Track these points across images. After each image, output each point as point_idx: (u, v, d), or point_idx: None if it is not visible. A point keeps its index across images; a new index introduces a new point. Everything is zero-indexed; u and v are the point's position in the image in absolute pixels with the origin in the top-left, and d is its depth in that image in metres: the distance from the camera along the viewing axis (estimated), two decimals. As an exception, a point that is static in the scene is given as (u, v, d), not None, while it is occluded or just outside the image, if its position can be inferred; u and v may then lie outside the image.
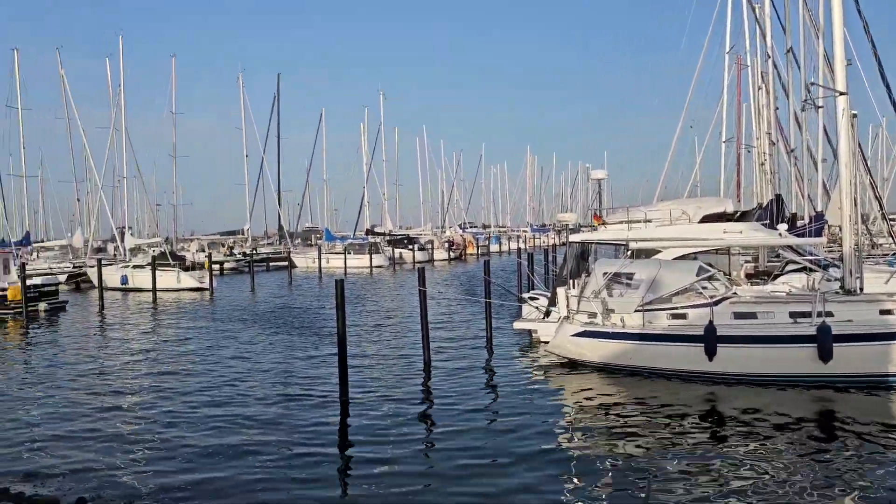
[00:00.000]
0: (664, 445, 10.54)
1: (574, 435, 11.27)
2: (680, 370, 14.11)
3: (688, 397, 12.99)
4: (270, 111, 73.59)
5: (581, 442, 10.87)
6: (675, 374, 14.14)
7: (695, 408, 12.39)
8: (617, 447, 10.53)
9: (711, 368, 13.70)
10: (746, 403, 12.46)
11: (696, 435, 10.95)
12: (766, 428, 11.15)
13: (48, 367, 18.15)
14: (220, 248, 66.35)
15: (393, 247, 64.90)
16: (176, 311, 31.31)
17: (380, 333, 22.25)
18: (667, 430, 11.28)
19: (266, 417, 12.42)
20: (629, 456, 10.13)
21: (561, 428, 11.63)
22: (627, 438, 10.90)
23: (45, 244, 56.39)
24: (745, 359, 13.55)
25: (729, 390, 13.38)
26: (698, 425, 11.48)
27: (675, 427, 11.38)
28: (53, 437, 11.69)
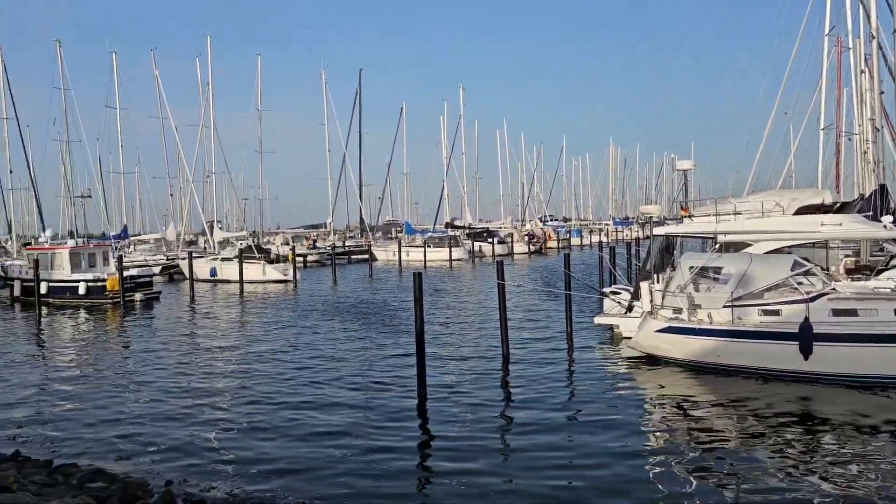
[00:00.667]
0: (754, 447, 10.01)
1: (658, 433, 10.86)
2: (772, 369, 13.41)
3: (780, 398, 12.32)
4: (352, 106, 74.82)
5: (666, 441, 10.45)
6: (767, 374, 13.45)
7: (788, 409, 11.73)
8: (704, 447, 10.09)
9: (806, 368, 12.94)
10: (845, 405, 11.73)
11: (789, 437, 10.35)
12: (867, 431, 10.44)
13: (143, 354, 18.98)
14: (303, 242, 68.01)
15: (472, 240, 64.80)
16: (261, 302, 32.23)
17: (458, 327, 22.19)
18: (757, 431, 10.72)
19: (346, 409, 12.54)
20: (717, 456, 9.68)
21: (644, 426, 11.24)
22: (715, 438, 10.44)
23: (141, 237, 59.16)
24: (845, 358, 12.73)
25: (825, 391, 12.63)
26: (791, 427, 10.84)
27: (767, 428, 10.79)
28: (145, 420, 12.19)
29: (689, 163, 19.09)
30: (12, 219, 52.27)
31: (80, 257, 34.42)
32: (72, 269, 33.64)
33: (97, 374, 16.50)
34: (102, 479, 8.96)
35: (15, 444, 10.94)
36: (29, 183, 49.73)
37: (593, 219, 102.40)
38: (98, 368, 17.29)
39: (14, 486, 7.84)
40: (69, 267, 33.65)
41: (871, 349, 12.63)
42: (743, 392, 12.81)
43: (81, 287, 32.55)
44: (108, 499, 7.97)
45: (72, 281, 32.96)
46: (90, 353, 19.72)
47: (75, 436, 11.48)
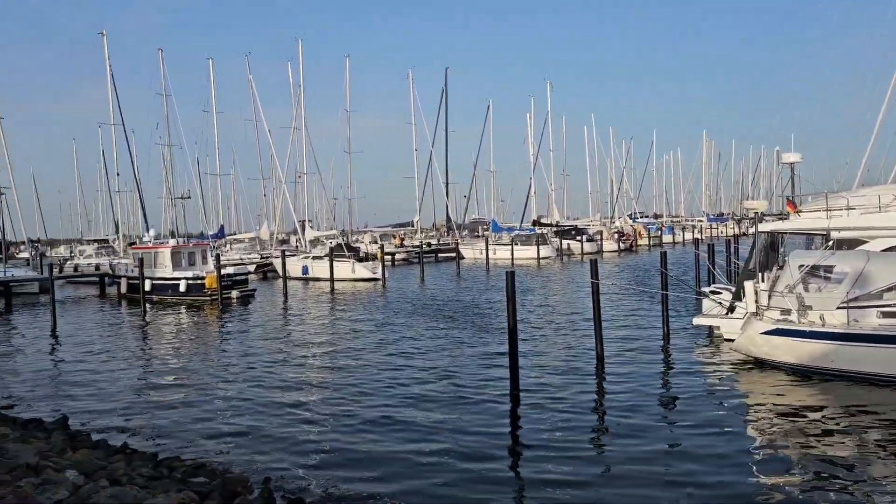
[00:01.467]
0: (871, 457, 9.24)
1: (764, 441, 10.20)
2: (892, 375, 12.40)
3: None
4: (439, 105, 75.02)
5: (771, 449, 9.79)
6: (887, 380, 12.45)
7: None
8: (816, 460, 9.36)
9: (935, 376, 11.90)
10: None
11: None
12: None
13: (240, 350, 19.55)
14: (391, 240, 68.83)
15: (560, 238, 63.88)
16: (351, 299, 32.72)
17: (549, 326, 21.77)
18: (875, 440, 9.90)
19: (437, 409, 12.44)
20: (830, 465, 8.99)
21: (748, 432, 10.60)
22: (829, 451, 9.68)
23: (236, 237, 61.37)
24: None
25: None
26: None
27: (884, 440, 9.95)
28: (244, 415, 12.47)
29: (796, 155, 17.88)
30: (119, 219, 55.36)
31: (180, 256, 35.94)
32: (173, 267, 35.17)
33: (197, 369, 17.07)
34: (204, 473, 9.15)
35: (123, 437, 11.39)
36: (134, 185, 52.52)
37: (685, 215, 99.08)
38: (198, 363, 17.89)
39: (123, 478, 8.08)
40: (171, 265, 35.20)
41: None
42: (859, 400, 11.91)
43: (182, 285, 33.98)
44: (209, 494, 8.10)
45: (173, 279, 34.46)
46: (191, 349, 20.47)
47: (178, 429, 11.85)
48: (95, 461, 8.93)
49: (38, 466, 7.65)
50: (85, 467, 8.34)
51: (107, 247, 59.49)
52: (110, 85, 46.73)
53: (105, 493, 6.89)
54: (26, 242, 57.27)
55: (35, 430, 11.24)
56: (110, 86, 46.74)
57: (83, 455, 9.21)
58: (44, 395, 14.94)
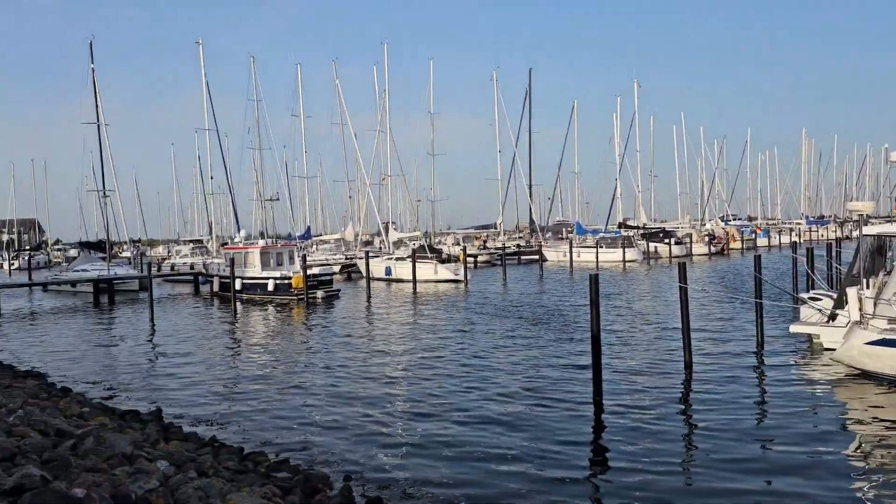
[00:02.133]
0: None
1: (866, 458, 9.50)
2: None
3: None
4: (522, 106, 74.57)
5: (873, 469, 9.08)
6: None
7: None
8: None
9: None
10: None
11: None
12: None
13: (325, 348, 19.94)
14: (473, 242, 68.87)
15: (647, 240, 62.31)
16: (433, 301, 32.87)
17: (635, 330, 21.17)
18: None
19: (517, 412, 12.26)
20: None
21: (849, 449, 9.89)
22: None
23: (322, 238, 62.83)
24: None
25: None
26: None
27: None
28: (326, 412, 12.66)
29: (906, 153, 16.73)
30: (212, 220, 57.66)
31: (269, 256, 37.08)
32: (262, 267, 36.31)
33: (283, 367, 17.49)
34: (287, 469, 9.30)
35: (212, 430, 11.76)
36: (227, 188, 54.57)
37: (782, 218, 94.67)
38: (284, 361, 18.34)
39: (210, 471, 8.30)
40: (260, 265, 36.35)
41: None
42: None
43: (270, 284, 35.03)
44: (291, 489, 8.22)
45: (262, 278, 35.57)
46: (277, 347, 21.02)
47: (263, 424, 12.14)
48: (185, 453, 9.23)
49: (132, 456, 7.95)
50: (175, 458, 8.62)
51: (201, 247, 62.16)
52: (205, 92, 48.78)
53: (193, 485, 7.07)
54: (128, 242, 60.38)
55: (132, 420, 11.75)
56: (205, 92, 48.80)
57: (174, 446, 9.54)
58: (141, 387, 15.65)
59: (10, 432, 8.05)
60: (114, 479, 6.63)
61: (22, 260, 77.88)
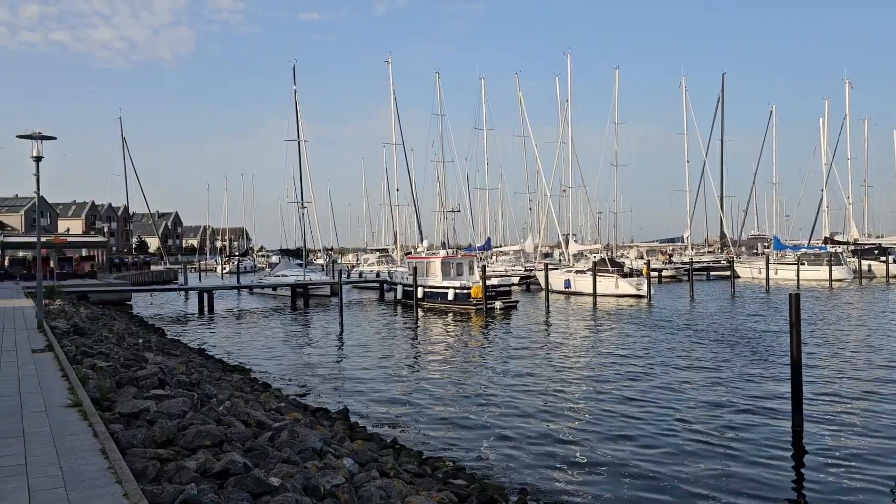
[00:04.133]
0: None
1: None
2: None
3: None
4: (714, 113, 70.68)
5: None
6: None
7: None
8: None
9: None
10: None
11: None
12: None
13: (503, 360, 20.01)
14: (658, 256, 66.19)
15: (859, 258, 56.35)
16: (614, 316, 31.89)
17: (842, 356, 19.08)
18: None
19: (704, 440, 11.47)
20: None
21: None
22: None
23: (502, 249, 63.47)
24: None
25: None
26: None
27: None
28: (502, 424, 12.62)
29: None
30: (397, 231, 60.28)
31: (450, 266, 38.02)
32: (443, 276, 37.29)
33: (461, 375, 17.76)
34: (464, 476, 9.37)
35: (394, 432, 12.17)
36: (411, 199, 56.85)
37: None
38: (462, 370, 18.62)
39: (391, 472, 8.55)
40: (441, 275, 37.36)
41: None
42: None
43: (450, 293, 35.87)
44: (467, 497, 8.25)
45: (443, 287, 36.52)
46: (457, 355, 21.41)
47: (441, 430, 12.38)
48: (369, 452, 9.59)
49: (321, 451, 8.40)
50: (360, 457, 8.98)
51: (386, 256, 65.21)
52: (393, 107, 51.28)
53: (375, 484, 7.32)
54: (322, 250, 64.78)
55: (321, 417, 12.47)
56: (393, 108, 51.30)
57: (359, 445, 9.96)
58: (329, 386, 16.61)
59: (219, 421, 8.81)
60: (305, 472, 7.01)
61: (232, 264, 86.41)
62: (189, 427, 7.83)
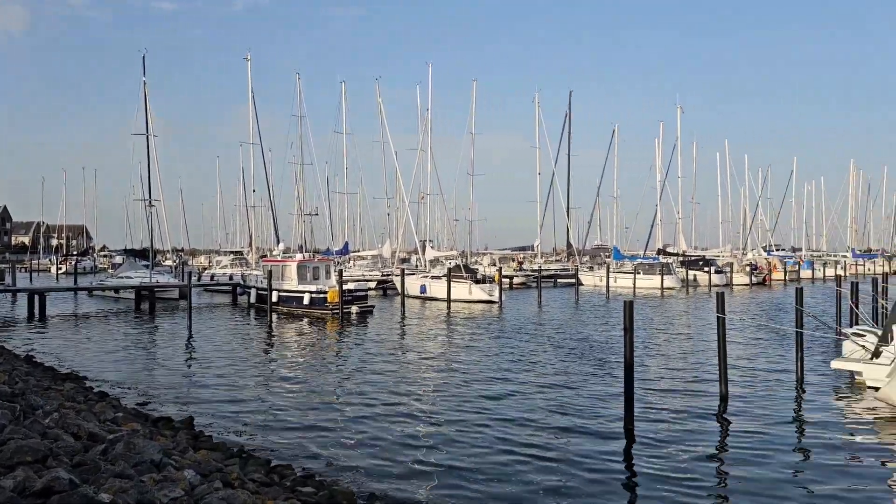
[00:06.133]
0: None
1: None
2: None
3: None
4: (562, 128, 74.54)
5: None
6: None
7: None
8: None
9: None
10: None
11: None
12: None
13: (356, 364, 19.99)
14: (510, 263, 68.63)
15: (686, 268, 61.37)
16: (467, 321, 32.76)
17: (669, 360, 20.78)
18: None
19: (546, 439, 12.11)
20: None
21: (890, 493, 9.52)
22: None
23: (360, 254, 63.28)
24: None
25: None
26: None
27: None
28: (353, 428, 12.66)
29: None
30: (253, 233, 58.54)
31: (306, 270, 37.48)
32: (298, 280, 36.68)
33: (315, 381, 17.58)
34: (313, 484, 9.31)
35: (241, 440, 11.86)
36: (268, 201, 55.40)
37: (827, 250, 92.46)
38: (316, 375, 18.44)
39: (236, 482, 8.35)
40: (297, 279, 36.73)
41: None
42: None
43: (306, 298, 35.35)
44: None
45: (298, 292, 35.92)
46: (311, 361, 21.15)
47: (292, 437, 12.20)
48: (213, 462, 9.30)
49: (160, 463, 8.04)
50: (203, 468, 8.69)
51: (241, 258, 63.12)
52: (251, 106, 49.75)
53: (217, 495, 7.12)
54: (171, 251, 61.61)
55: (163, 427, 11.91)
56: (251, 107, 49.77)
57: (203, 455, 9.62)
58: (175, 394, 15.88)
59: (44, 434, 8.21)
60: (140, 486, 6.71)
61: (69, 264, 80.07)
62: (7, 442, 7.24)
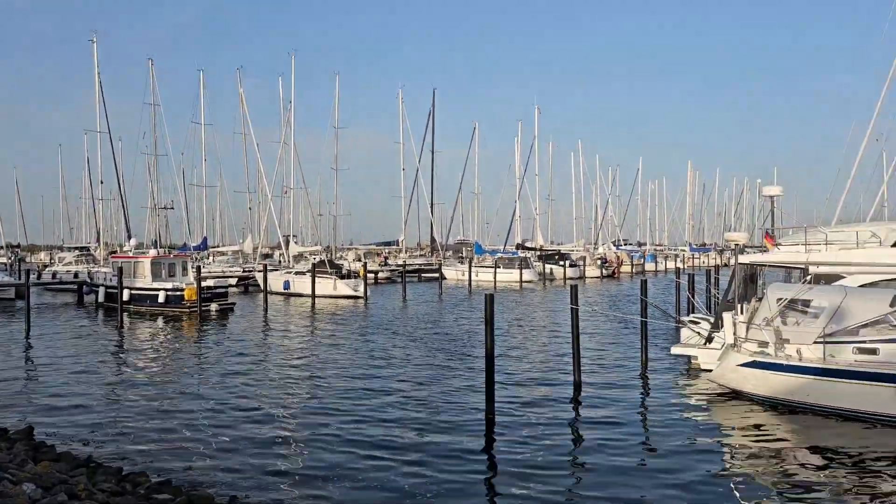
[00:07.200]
0: (843, 498, 9.20)
1: (736, 476, 10.13)
2: (867, 412, 12.43)
3: (874, 444, 11.36)
4: (426, 125, 75.50)
5: (744, 486, 9.72)
6: (861, 417, 12.48)
7: (882, 457, 10.77)
8: (787, 493, 9.33)
9: (907, 413, 11.93)
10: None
11: (882, 489, 9.46)
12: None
13: (214, 364, 19.32)
14: (375, 258, 68.66)
15: (543, 262, 64.07)
16: (331, 317, 32.51)
17: (528, 350, 21.70)
18: (847, 479, 9.86)
19: (410, 430, 12.31)
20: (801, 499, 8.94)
21: (723, 466, 10.53)
22: (800, 484, 9.66)
23: (220, 249, 60.97)
24: (951, 405, 11.68)
25: (929, 440, 11.59)
26: (885, 478, 9.93)
27: (857, 477, 9.92)
28: (213, 431, 12.26)
29: (777, 188, 18.08)
30: (101, 228, 54.83)
31: (161, 267, 35.65)
32: (153, 278, 34.84)
33: (170, 383, 16.82)
34: (169, 490, 8.96)
35: (89, 449, 11.15)
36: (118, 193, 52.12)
37: (668, 244, 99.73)
38: (171, 377, 17.64)
39: (83, 493, 7.88)
40: (151, 276, 34.87)
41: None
42: (833, 435, 11.92)
43: (161, 296, 33.65)
44: (172, 511, 7.93)
45: (152, 289, 34.12)
46: (164, 361, 20.19)
47: (146, 443, 11.62)
48: (57, 474, 8.72)
49: (-4, 478, 7.46)
50: (45, 480, 8.14)
51: (87, 255, 58.89)
52: (98, 92, 46.51)
53: (63, 508, 6.71)
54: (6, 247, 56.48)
55: (-2, 439, 10.99)
56: (98, 93, 46.53)
57: (44, 468, 9.00)
58: (11, 403, 14.64)
59: None
60: (-26, 504, 6.20)
61: None
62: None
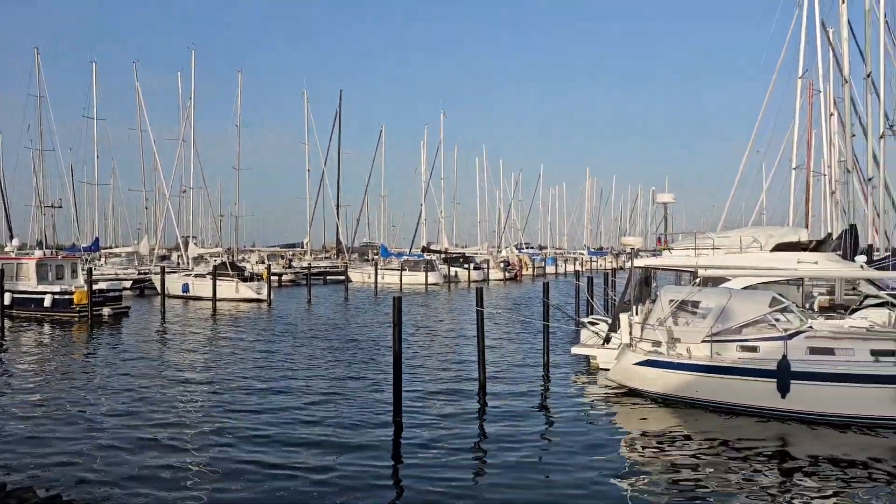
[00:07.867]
0: (729, 485, 9.92)
1: (631, 468, 10.72)
2: (749, 406, 13.38)
3: (757, 435, 12.27)
4: (332, 127, 74.80)
5: (639, 477, 10.31)
6: (744, 410, 13.42)
7: (764, 447, 11.68)
8: (678, 484, 9.97)
9: (784, 406, 12.93)
10: (822, 445, 11.71)
11: (763, 476, 10.28)
12: (843, 473, 10.39)
13: (107, 373, 18.47)
14: (278, 261, 67.36)
15: (448, 265, 64.74)
16: (233, 321, 31.71)
17: (434, 353, 21.96)
18: (732, 469, 10.62)
19: (317, 435, 12.25)
20: (690, 494, 9.57)
21: (620, 460, 11.10)
22: (689, 476, 10.33)
23: (113, 250, 58.16)
24: (822, 398, 12.74)
25: (803, 430, 12.60)
26: (767, 466, 10.77)
27: (742, 466, 10.71)
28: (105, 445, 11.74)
29: (670, 196, 19.18)
30: (-21, 227, 51.21)
31: (47, 269, 33.67)
32: (38, 280, 32.88)
33: (58, 392, 15.97)
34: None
35: (-29, 464, 10.49)
36: (-2, 191, 48.87)
37: (568, 248, 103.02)
38: (60, 386, 16.75)
39: (-31, 509, 7.45)
40: (36, 278, 32.89)
41: (848, 389, 12.67)
42: (720, 429, 12.76)
43: (47, 299, 31.78)
44: (67, 525, 7.62)
45: (38, 293, 32.18)
46: (51, 370, 19.12)
47: (32, 456, 11.00)
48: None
49: None
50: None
51: (-38, 256, 54.79)
52: (-23, 82, 43.46)
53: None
54: None
55: None
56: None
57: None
58: None
59: None
60: None
61: None
62: None
